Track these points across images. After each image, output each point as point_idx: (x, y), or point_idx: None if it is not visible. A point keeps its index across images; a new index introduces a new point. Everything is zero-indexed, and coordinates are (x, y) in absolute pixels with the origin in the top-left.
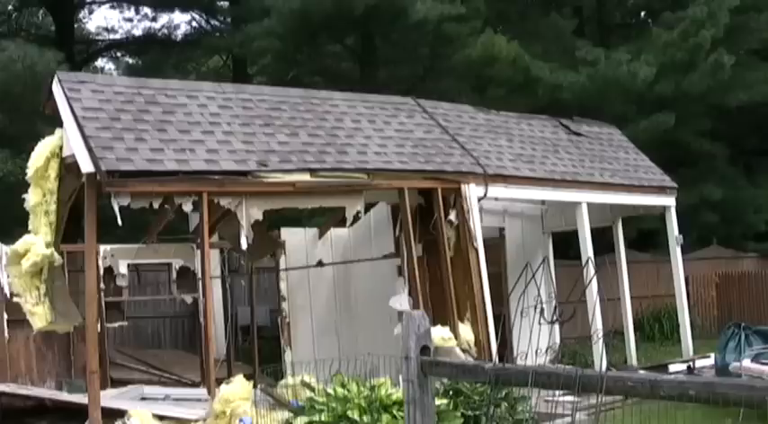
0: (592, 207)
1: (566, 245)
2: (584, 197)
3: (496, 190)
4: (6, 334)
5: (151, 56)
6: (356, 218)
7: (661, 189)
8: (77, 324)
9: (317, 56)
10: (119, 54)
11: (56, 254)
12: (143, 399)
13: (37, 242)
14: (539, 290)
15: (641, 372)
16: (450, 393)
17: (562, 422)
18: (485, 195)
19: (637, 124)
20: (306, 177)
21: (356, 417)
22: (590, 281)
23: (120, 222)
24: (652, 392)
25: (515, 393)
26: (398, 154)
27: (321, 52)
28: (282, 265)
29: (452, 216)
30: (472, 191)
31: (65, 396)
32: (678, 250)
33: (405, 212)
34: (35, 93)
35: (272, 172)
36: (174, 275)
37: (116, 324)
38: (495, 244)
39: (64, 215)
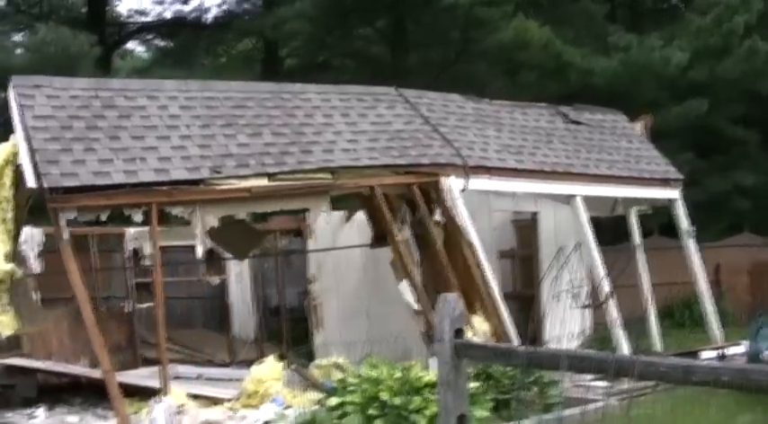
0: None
1: (603, 231)
2: (578, 189)
3: (479, 182)
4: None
5: (182, 39)
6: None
7: (664, 182)
8: (44, 325)
9: (348, 39)
10: (149, 37)
11: (15, 267)
12: (176, 378)
13: None
14: (572, 274)
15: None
16: (482, 376)
17: (593, 407)
18: (465, 187)
19: (669, 110)
20: (263, 182)
21: (388, 398)
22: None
23: (65, 236)
24: (685, 377)
25: (545, 377)
26: (369, 149)
27: (352, 35)
28: (311, 247)
29: (437, 216)
30: (452, 184)
31: (99, 374)
32: (692, 242)
33: (380, 210)
34: (69, 75)
35: (227, 179)
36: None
37: (144, 305)
38: (528, 227)
39: (22, 218)
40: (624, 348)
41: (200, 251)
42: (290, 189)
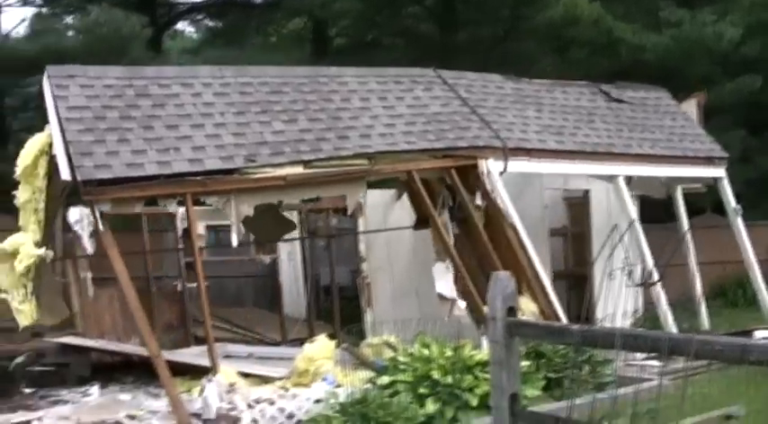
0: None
1: (655, 209)
2: (619, 169)
3: (518, 164)
4: (91, 292)
5: (231, 19)
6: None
7: (708, 160)
8: (63, 318)
9: (397, 17)
10: (199, 17)
11: (47, 251)
12: (227, 357)
13: (26, 243)
14: (625, 253)
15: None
16: (533, 355)
17: (647, 386)
18: (504, 169)
19: (722, 86)
20: (298, 169)
21: (439, 377)
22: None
23: (101, 227)
24: (741, 356)
25: (598, 356)
26: (406, 133)
27: (401, 13)
28: (361, 226)
29: (478, 200)
30: (491, 167)
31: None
32: (739, 220)
33: (419, 195)
34: (120, 57)
35: (261, 168)
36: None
37: (195, 284)
38: (580, 205)
39: (57, 208)
40: (672, 327)
41: (234, 240)
42: (326, 176)
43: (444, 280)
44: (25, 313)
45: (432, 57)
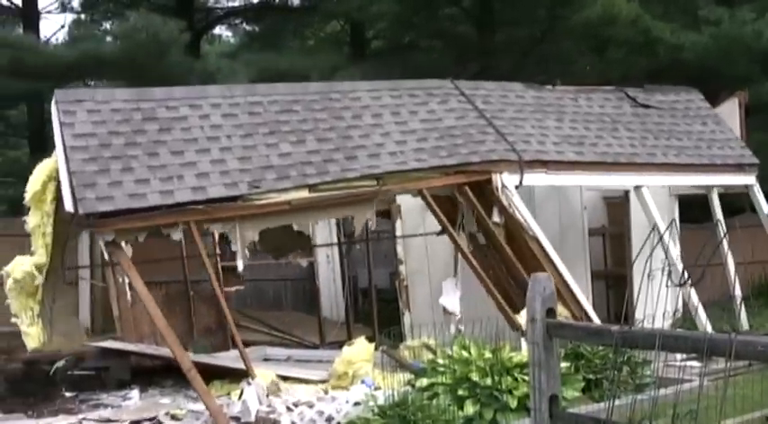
0: None
1: (693, 209)
2: (642, 180)
3: (535, 178)
4: (129, 297)
5: (268, 23)
6: None
7: (738, 168)
8: (82, 344)
9: (434, 19)
10: (237, 21)
11: (36, 272)
12: (265, 360)
13: (24, 262)
14: (666, 252)
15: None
16: (572, 356)
17: (687, 387)
18: (520, 183)
19: (762, 85)
20: (304, 194)
21: (478, 379)
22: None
23: (107, 256)
24: None
25: (637, 357)
26: (417, 150)
27: (438, 15)
28: (398, 229)
29: (496, 217)
30: (506, 181)
31: (190, 356)
32: None
33: (435, 214)
34: (158, 62)
35: (266, 193)
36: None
37: (233, 289)
38: (620, 205)
39: (66, 231)
40: (706, 327)
41: (240, 265)
42: (332, 199)
43: (450, 296)
44: (32, 336)
45: (469, 59)
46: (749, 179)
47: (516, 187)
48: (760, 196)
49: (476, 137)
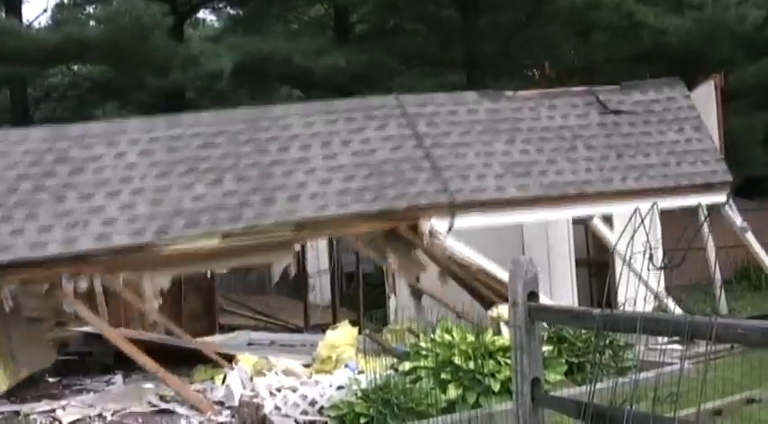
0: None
1: None
2: (592, 210)
3: (468, 220)
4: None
5: (252, 7)
6: None
7: (707, 187)
8: (48, 365)
9: (418, 3)
10: (220, 5)
11: None
12: (250, 344)
13: None
14: (648, 236)
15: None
16: (555, 340)
17: (669, 370)
18: (450, 227)
19: (745, 69)
20: (214, 242)
21: (461, 363)
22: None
23: (7, 308)
24: (763, 339)
25: (619, 340)
26: (341, 192)
27: None
28: None
29: (427, 261)
30: (435, 226)
31: (173, 341)
32: (749, 235)
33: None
34: (142, 45)
35: (174, 240)
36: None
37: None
38: None
39: None
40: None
41: (154, 314)
42: (244, 248)
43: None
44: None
45: (454, 43)
46: (719, 197)
47: (448, 231)
48: (732, 212)
49: (408, 175)
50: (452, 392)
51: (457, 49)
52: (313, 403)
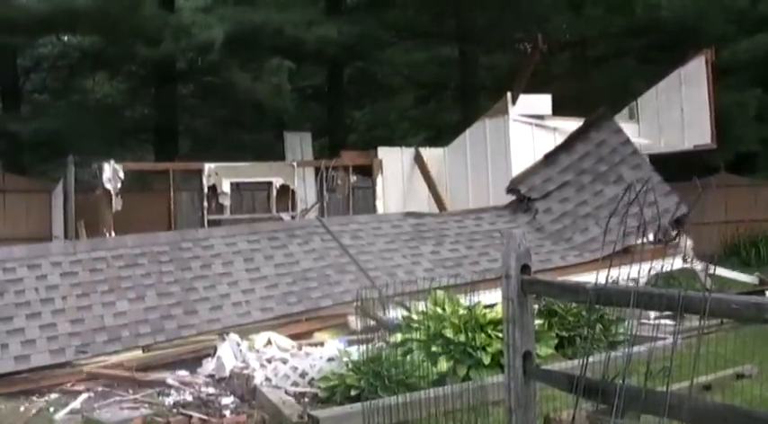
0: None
1: (669, 167)
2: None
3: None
4: None
5: None
6: None
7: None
8: None
9: None
10: None
11: None
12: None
13: None
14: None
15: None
16: (545, 313)
17: (660, 345)
18: None
19: (738, 44)
20: (137, 354)
21: (452, 335)
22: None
23: None
24: (757, 314)
25: (611, 315)
26: (265, 298)
27: None
28: (379, 184)
29: None
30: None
31: None
32: None
33: None
34: (133, 15)
35: (95, 357)
36: (275, 193)
37: None
38: None
39: None
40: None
41: None
42: (170, 356)
43: None
44: None
45: (446, 15)
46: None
47: None
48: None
49: (332, 278)
50: (443, 364)
51: (449, 22)
52: (303, 375)
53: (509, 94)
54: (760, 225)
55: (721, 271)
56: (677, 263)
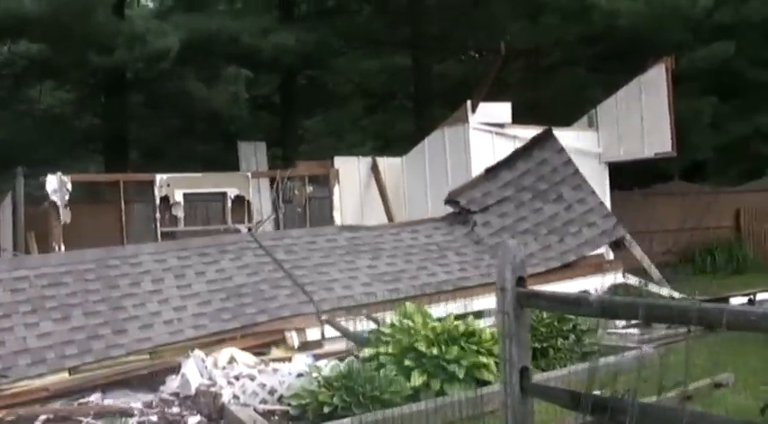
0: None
1: (624, 175)
2: (469, 306)
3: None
4: None
5: None
6: None
7: (597, 267)
8: None
9: None
10: None
11: None
12: None
13: None
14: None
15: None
16: None
17: (630, 355)
18: (322, 336)
19: (695, 52)
20: (63, 376)
21: (424, 349)
22: None
23: None
24: None
25: (581, 325)
26: (197, 315)
27: None
28: (336, 194)
29: None
30: (307, 335)
31: None
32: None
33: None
34: (85, 22)
35: (18, 381)
36: (230, 204)
37: None
38: None
39: None
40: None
41: None
42: (100, 378)
43: None
44: None
45: (400, 23)
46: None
47: (320, 340)
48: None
49: (267, 294)
50: (417, 379)
51: (403, 30)
52: (272, 392)
53: (469, 102)
54: (713, 231)
55: (653, 287)
56: (617, 278)
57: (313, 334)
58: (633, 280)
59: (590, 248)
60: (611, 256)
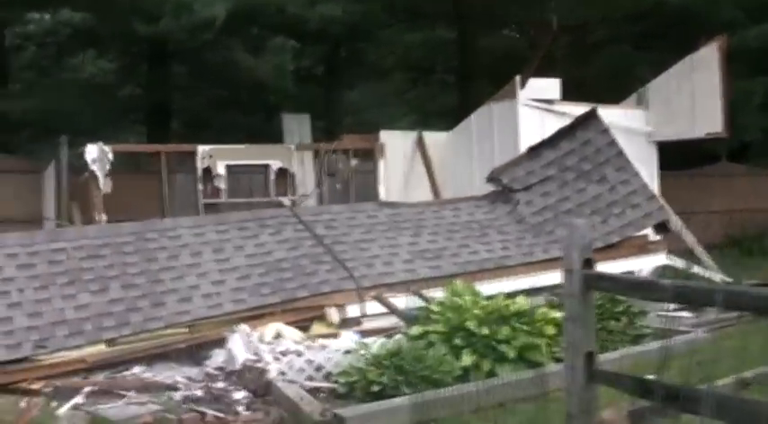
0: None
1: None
2: (518, 283)
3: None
4: None
5: None
6: None
7: (641, 248)
8: None
9: None
10: None
11: None
12: None
13: None
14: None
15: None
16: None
17: (683, 339)
18: (362, 313)
19: (747, 31)
20: (101, 348)
21: (474, 328)
22: None
23: None
24: None
25: (634, 308)
26: (237, 290)
27: None
28: (381, 169)
29: None
30: (348, 313)
31: None
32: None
33: None
34: None
35: (55, 352)
36: (273, 176)
37: None
38: None
39: None
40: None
41: None
42: (138, 351)
43: None
44: None
45: None
46: (658, 258)
47: (362, 317)
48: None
49: (307, 269)
50: (466, 359)
51: (447, 3)
52: (319, 368)
53: (518, 77)
54: (761, 214)
55: (698, 270)
56: (660, 260)
57: (353, 311)
58: (679, 262)
59: (633, 229)
60: (655, 237)
